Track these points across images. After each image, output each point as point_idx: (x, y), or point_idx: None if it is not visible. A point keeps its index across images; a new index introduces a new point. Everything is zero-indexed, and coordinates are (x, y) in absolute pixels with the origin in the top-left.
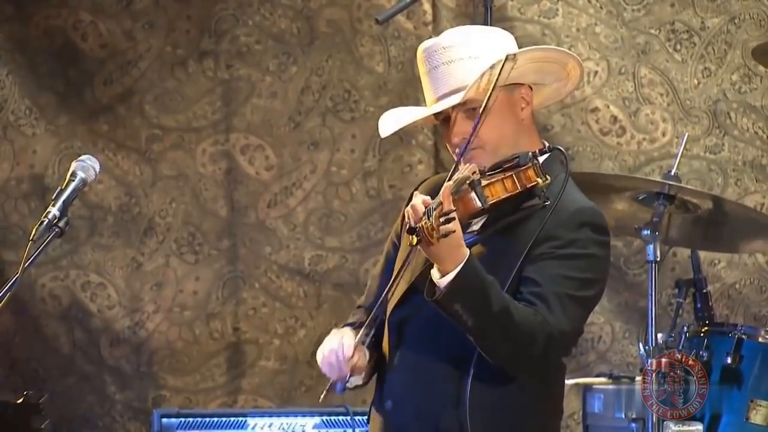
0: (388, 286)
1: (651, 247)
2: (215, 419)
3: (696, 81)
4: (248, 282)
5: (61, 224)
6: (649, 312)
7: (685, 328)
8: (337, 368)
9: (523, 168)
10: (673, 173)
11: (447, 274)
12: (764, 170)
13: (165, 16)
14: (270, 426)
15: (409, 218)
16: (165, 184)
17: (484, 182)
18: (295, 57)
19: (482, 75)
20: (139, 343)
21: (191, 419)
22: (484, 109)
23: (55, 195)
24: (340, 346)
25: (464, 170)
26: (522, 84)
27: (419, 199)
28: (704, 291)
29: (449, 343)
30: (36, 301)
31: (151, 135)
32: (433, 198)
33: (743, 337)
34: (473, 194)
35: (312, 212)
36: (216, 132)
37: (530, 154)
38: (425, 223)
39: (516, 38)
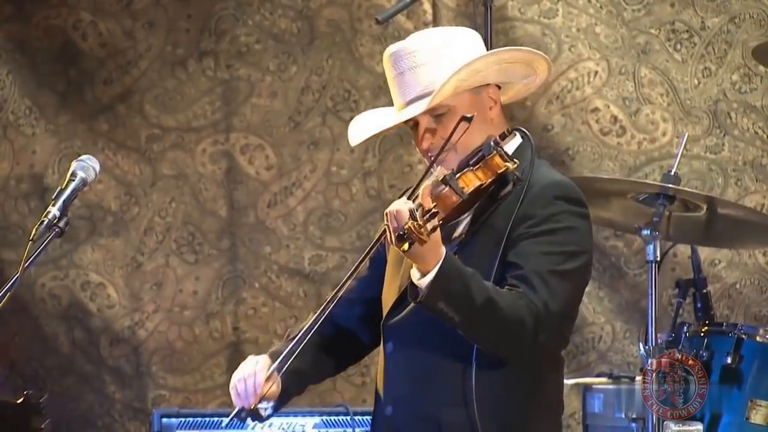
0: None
1: (651, 246)
2: (215, 419)
3: (696, 81)
4: (248, 282)
5: (61, 224)
6: (649, 312)
7: (685, 327)
8: (244, 397)
9: (488, 157)
10: (673, 173)
11: (427, 273)
12: (764, 170)
13: (165, 16)
14: (270, 426)
15: (391, 228)
16: (165, 184)
17: (456, 176)
18: (295, 57)
19: (447, 81)
20: (138, 342)
21: (191, 419)
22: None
23: (55, 195)
24: (251, 375)
25: (434, 175)
26: (488, 84)
27: (401, 206)
28: (704, 291)
29: (446, 342)
30: (36, 301)
31: (150, 135)
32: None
33: (743, 336)
34: (449, 188)
35: (312, 212)
36: (216, 132)
37: (491, 142)
38: (412, 224)
39: (516, 38)
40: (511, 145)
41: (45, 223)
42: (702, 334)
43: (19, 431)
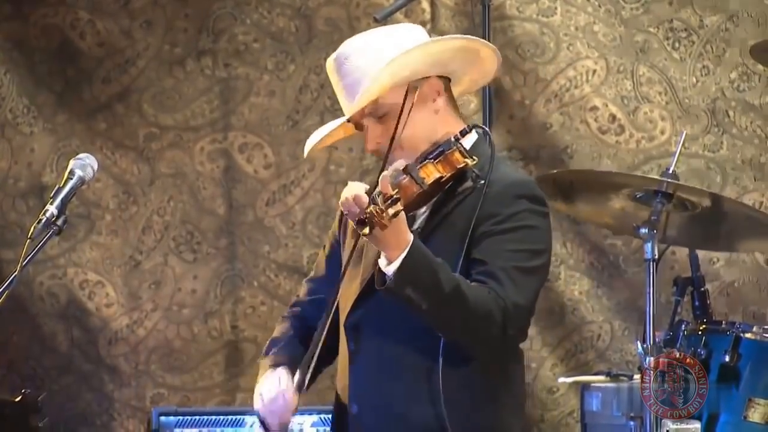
0: (333, 300)
1: (649, 245)
2: (213, 417)
3: (694, 79)
4: (246, 280)
5: (59, 222)
6: (648, 310)
7: (683, 326)
8: (279, 415)
9: (448, 152)
10: (671, 171)
11: (394, 260)
12: (763, 168)
13: (163, 15)
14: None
15: (350, 213)
16: (163, 183)
17: (418, 167)
18: (293, 55)
19: (374, 80)
20: (137, 341)
21: (189, 417)
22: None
23: (53, 193)
24: (281, 393)
25: (392, 166)
26: (429, 77)
27: (360, 190)
28: (702, 289)
29: (412, 338)
30: (34, 300)
31: (149, 133)
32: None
33: (741, 335)
34: (410, 178)
35: (310, 210)
36: (214, 130)
37: (452, 138)
38: (373, 209)
39: (514, 37)
40: (468, 142)
41: (43, 221)
42: (700, 333)
43: (18, 430)
